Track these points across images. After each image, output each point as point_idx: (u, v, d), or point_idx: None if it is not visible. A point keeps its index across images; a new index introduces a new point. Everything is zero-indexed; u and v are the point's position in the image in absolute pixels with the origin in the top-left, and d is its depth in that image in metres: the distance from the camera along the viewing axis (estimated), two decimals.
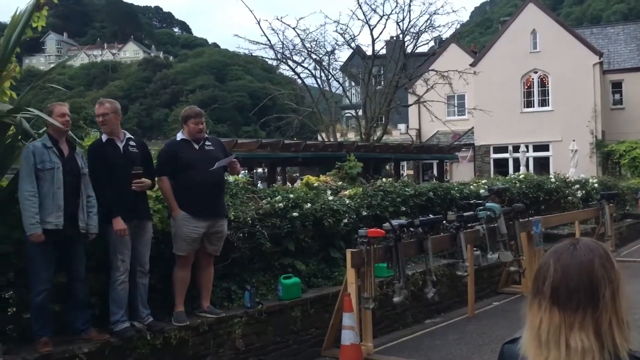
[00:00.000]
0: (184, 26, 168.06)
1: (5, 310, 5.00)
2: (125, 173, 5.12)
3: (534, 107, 28.09)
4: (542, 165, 26.40)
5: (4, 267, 4.76)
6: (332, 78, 24.32)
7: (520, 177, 12.51)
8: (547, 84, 27.77)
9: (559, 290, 1.46)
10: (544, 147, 27.62)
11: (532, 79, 28.11)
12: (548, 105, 27.77)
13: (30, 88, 5.58)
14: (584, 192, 13.38)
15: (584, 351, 1.41)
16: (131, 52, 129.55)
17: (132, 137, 5.42)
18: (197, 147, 5.67)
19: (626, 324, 1.45)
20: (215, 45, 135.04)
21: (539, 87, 28.01)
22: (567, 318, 1.44)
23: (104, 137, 5.28)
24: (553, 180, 13.04)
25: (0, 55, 4.94)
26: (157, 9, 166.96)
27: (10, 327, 4.92)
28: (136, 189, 5.13)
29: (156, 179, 5.51)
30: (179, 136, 5.74)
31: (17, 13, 5.16)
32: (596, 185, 14.21)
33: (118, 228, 4.99)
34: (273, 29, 26.77)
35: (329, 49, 23.59)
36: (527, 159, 25.20)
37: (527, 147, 25.22)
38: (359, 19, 23.07)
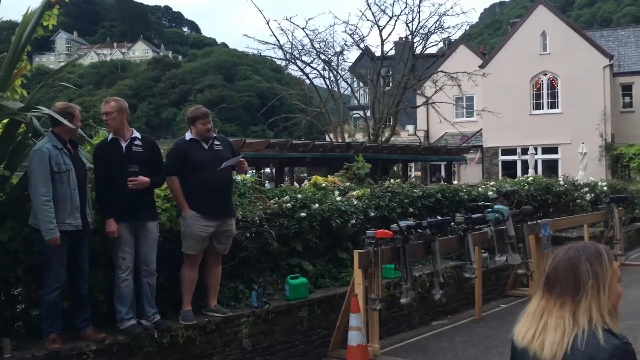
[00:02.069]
0: (193, 26, 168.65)
1: (14, 307, 5.04)
2: (125, 173, 5.12)
3: (543, 109, 28.00)
4: (550, 167, 26.31)
5: (14, 263, 4.79)
6: (341, 78, 24.31)
7: (529, 179, 12.44)
8: (557, 86, 27.66)
9: (549, 281, 1.82)
10: (553, 150, 27.52)
11: (542, 81, 28.01)
12: (557, 108, 27.66)
13: (41, 86, 5.60)
14: (593, 195, 13.30)
15: (556, 326, 1.74)
16: (140, 52, 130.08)
17: (139, 136, 5.39)
18: (206, 146, 5.68)
19: (607, 310, 1.75)
20: (224, 45, 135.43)
21: (548, 89, 27.91)
22: (549, 302, 1.78)
23: (110, 137, 5.31)
24: (562, 183, 12.98)
25: (11, 54, 4.97)
26: (167, 8, 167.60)
27: (18, 324, 4.95)
28: (131, 187, 5.11)
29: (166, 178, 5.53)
30: (188, 136, 5.75)
31: (29, 12, 5.19)
32: (605, 188, 14.12)
33: (108, 230, 5.03)
34: (282, 29, 26.89)
35: (338, 49, 23.59)
36: (536, 161, 25.12)
37: (535, 149, 25.14)
38: (368, 20, 23.05)
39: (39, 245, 4.72)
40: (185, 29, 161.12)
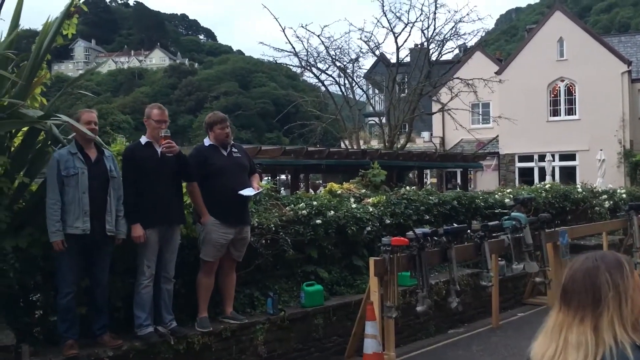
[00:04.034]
0: (209, 33, 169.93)
1: (33, 313, 5.09)
2: (159, 177, 5.18)
3: (560, 115, 27.76)
4: (568, 174, 26.04)
5: (32, 270, 4.84)
6: (356, 85, 24.30)
7: (546, 186, 12.32)
8: (574, 92, 27.42)
9: (566, 292, 1.70)
10: (571, 157, 27.26)
11: (559, 87, 27.79)
12: (575, 114, 27.42)
13: (60, 94, 5.67)
14: (611, 202, 13.13)
15: (578, 344, 1.59)
16: (157, 59, 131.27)
17: None
18: (225, 153, 5.71)
19: (631, 324, 1.62)
20: (239, 52, 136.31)
21: (565, 96, 27.68)
22: (568, 316, 1.65)
23: (143, 140, 5.35)
24: (580, 190, 12.83)
25: (32, 62, 5.04)
26: (184, 16, 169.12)
27: (37, 330, 5.00)
28: (166, 151, 5.16)
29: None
30: (207, 142, 5.79)
31: (49, 21, 5.26)
32: (624, 195, 13.94)
33: (135, 235, 5.04)
34: (298, 37, 26.71)
35: (353, 56, 23.57)
36: (553, 168, 24.89)
37: (553, 156, 24.92)
38: (383, 27, 23.03)
39: (55, 251, 4.77)
40: (201, 37, 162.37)
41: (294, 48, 22.93)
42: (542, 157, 24.48)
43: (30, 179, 5.13)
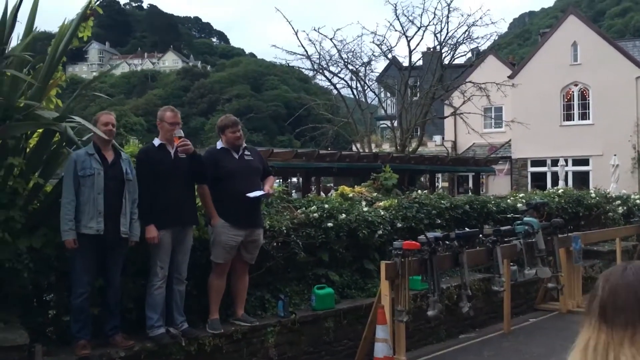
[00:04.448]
0: (222, 36, 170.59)
1: (46, 313, 5.13)
2: (173, 178, 5.23)
3: (573, 120, 27.57)
4: (581, 179, 25.84)
5: (46, 270, 4.89)
6: (368, 89, 24.35)
7: (559, 191, 12.24)
8: (588, 97, 27.22)
9: (607, 308, 1.52)
10: (584, 162, 27.05)
11: (573, 91, 27.61)
12: (588, 119, 27.21)
13: (75, 96, 5.72)
14: (625, 208, 13.01)
15: None
16: (170, 62, 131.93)
17: None
18: (236, 156, 5.74)
19: None
20: (252, 55, 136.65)
21: (579, 100, 27.49)
22: (615, 335, 1.48)
23: (157, 142, 5.40)
24: (593, 195, 12.73)
25: (47, 65, 5.09)
26: (197, 19, 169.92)
27: (50, 329, 5.04)
28: (182, 150, 5.23)
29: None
30: (219, 145, 5.82)
31: (65, 23, 5.31)
32: (638, 201, 13.82)
33: (149, 236, 5.08)
34: (310, 40, 26.87)
35: (366, 59, 23.64)
36: (566, 173, 24.71)
37: (566, 161, 24.74)
38: (396, 30, 23.12)
39: (69, 251, 4.82)
40: (214, 40, 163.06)
41: (306, 51, 23.04)
42: (555, 162, 24.31)
43: (45, 180, 5.18)
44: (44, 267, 4.86)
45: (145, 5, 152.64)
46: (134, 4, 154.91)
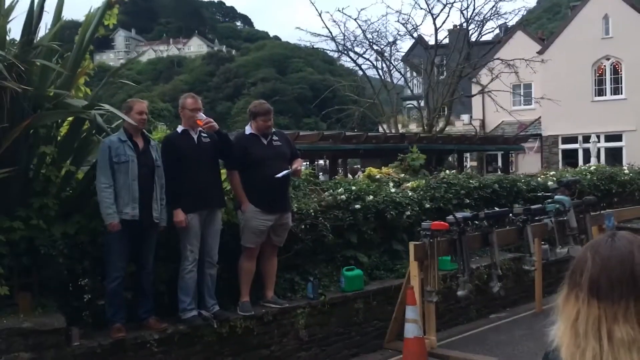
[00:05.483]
0: (246, 20, 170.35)
1: (82, 297, 5.26)
2: (198, 163, 5.31)
3: (605, 95, 26.92)
4: (614, 156, 25.30)
5: (81, 255, 4.99)
6: (394, 69, 24.08)
7: (591, 168, 12.01)
8: (620, 71, 26.54)
9: (599, 282, 1.45)
10: (617, 137, 26.45)
11: (604, 66, 26.93)
12: (621, 94, 26.54)
13: (103, 84, 5.80)
14: None
15: (631, 342, 1.38)
16: (195, 47, 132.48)
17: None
18: (265, 142, 5.76)
19: None
20: (276, 38, 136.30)
21: (611, 75, 26.81)
22: (608, 310, 1.43)
23: (180, 129, 5.50)
24: (626, 171, 12.47)
25: (75, 53, 5.16)
26: (220, 3, 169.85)
27: (85, 313, 5.17)
28: (207, 128, 5.36)
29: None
30: (248, 130, 5.85)
31: (91, 12, 5.37)
32: None
33: (177, 220, 5.16)
34: (334, 21, 26.65)
35: (391, 39, 23.45)
36: (598, 149, 24.22)
37: (598, 137, 24.23)
38: (421, 9, 22.99)
39: (104, 237, 4.91)
40: (238, 24, 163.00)
41: (330, 32, 22.85)
42: (586, 139, 23.85)
43: (77, 167, 5.28)
44: (78, 252, 4.97)
45: None
46: None
